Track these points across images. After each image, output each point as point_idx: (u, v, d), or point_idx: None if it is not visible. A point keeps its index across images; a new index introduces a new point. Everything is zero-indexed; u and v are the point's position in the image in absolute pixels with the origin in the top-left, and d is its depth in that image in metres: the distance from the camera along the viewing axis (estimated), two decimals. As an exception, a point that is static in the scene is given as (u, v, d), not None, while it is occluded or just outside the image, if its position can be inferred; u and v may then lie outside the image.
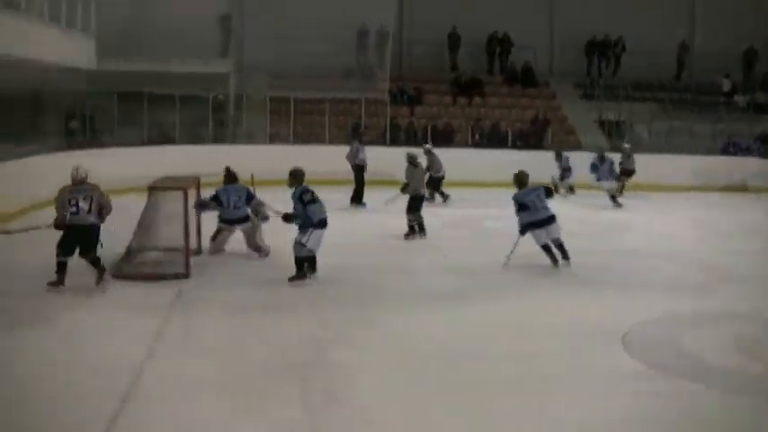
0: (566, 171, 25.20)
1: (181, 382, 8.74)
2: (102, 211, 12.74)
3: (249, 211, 15.01)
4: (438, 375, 9.18)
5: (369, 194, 21.30)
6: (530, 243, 14.62)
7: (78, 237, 12.49)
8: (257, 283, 13.27)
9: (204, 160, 17.98)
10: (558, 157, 25.38)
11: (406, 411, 8.21)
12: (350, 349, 10.11)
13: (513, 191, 15.03)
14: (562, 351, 10.13)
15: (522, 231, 14.66)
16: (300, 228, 13.26)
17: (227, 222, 15.07)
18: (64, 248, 12.42)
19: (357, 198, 22.15)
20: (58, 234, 12.41)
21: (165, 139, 25.93)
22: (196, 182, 15.11)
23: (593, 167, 23.64)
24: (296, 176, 13.45)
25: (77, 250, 12.53)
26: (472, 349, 10.04)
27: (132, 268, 13.70)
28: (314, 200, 13.23)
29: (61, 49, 22.56)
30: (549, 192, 15.09)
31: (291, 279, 13.13)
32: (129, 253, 14.15)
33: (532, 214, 14.54)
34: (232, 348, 10.03)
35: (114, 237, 13.70)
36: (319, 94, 28.08)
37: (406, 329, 10.91)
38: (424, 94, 31.07)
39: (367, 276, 14.00)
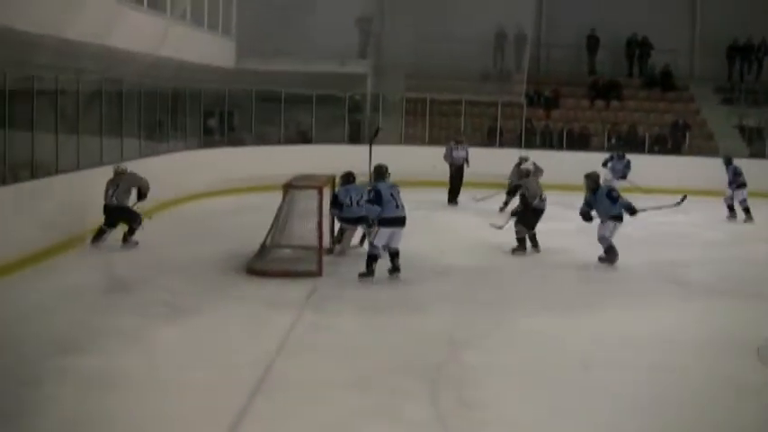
0: (736, 177, 22.20)
1: (312, 380, 8.80)
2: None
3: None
4: (571, 382, 9.10)
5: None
6: (668, 253, 14.42)
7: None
8: (389, 282, 13.34)
9: (340, 159, 18.15)
10: (729, 164, 22.64)
11: (537, 418, 8.15)
12: (482, 351, 10.09)
13: (648, 198, 14.88)
14: (696, 363, 9.94)
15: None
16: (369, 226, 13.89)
17: (348, 221, 15.12)
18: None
19: (452, 197, 22.91)
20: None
21: (302, 138, 26.23)
22: (331, 181, 15.27)
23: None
24: (375, 172, 13.97)
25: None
26: (603, 357, 9.92)
27: (266, 265, 13.87)
28: (379, 199, 13.32)
29: (202, 48, 23.00)
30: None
31: (360, 276, 13.36)
32: (264, 249, 14.33)
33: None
34: (363, 347, 10.10)
35: (250, 233, 13.94)
36: (456, 95, 28.07)
37: (540, 334, 10.84)
38: (561, 97, 30.81)
39: (497, 278, 13.97)
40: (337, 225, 15.41)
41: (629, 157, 24.64)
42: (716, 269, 14.81)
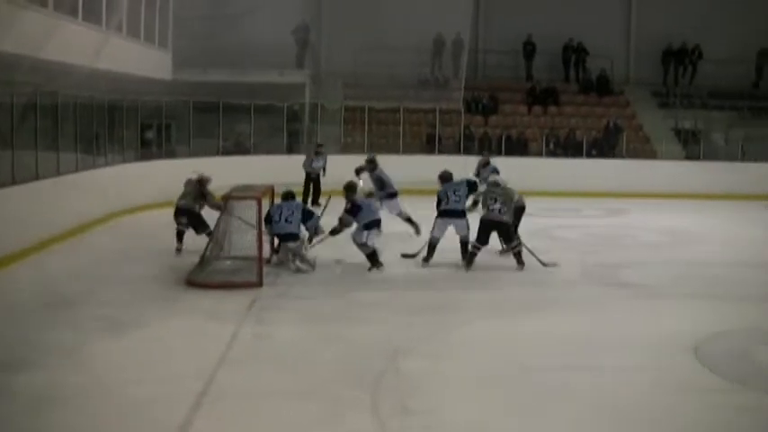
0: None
1: (254, 391, 8.75)
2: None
3: (303, 229, 15.01)
4: (511, 387, 9.12)
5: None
6: (608, 256, 14.52)
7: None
8: (331, 292, 13.30)
9: (279, 170, 18.12)
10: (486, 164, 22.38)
11: (478, 422, 8.16)
12: (423, 358, 10.07)
13: (586, 200, 15.00)
14: (635, 364, 10.03)
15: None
16: (356, 232, 14.75)
17: (277, 237, 15.10)
18: None
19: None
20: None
21: (241, 149, 26.14)
22: (270, 191, 15.24)
23: None
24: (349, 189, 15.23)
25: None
26: (546, 361, 9.96)
27: (206, 277, 13.78)
28: (361, 208, 14.81)
29: (138, 60, 22.88)
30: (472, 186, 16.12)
31: (371, 269, 14.63)
32: (204, 261, 14.25)
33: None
34: (305, 356, 10.06)
35: (190, 245, 13.87)
36: (394, 103, 28.14)
37: (481, 340, 10.88)
38: (499, 103, 30.99)
39: (440, 285, 13.99)
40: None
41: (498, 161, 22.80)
42: (655, 271, 14.94)
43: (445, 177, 15.98)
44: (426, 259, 15.23)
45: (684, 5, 32.24)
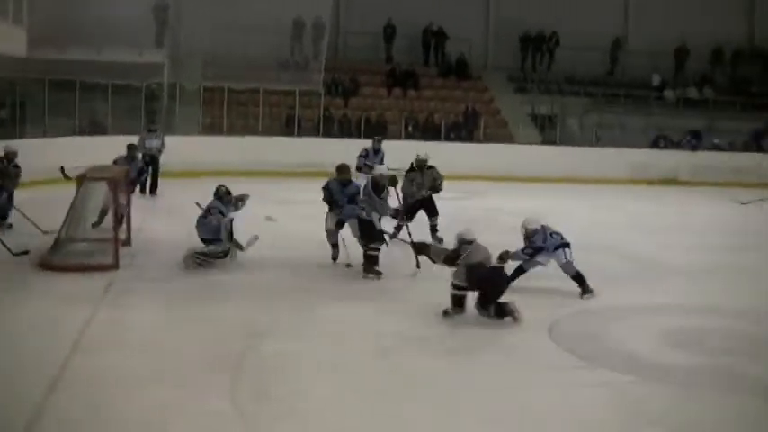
0: None
1: (109, 376, 8.66)
2: None
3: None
4: (370, 371, 9.23)
5: (305, 185, 20.89)
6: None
7: None
8: (189, 274, 13.20)
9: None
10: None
11: (336, 406, 8.22)
12: (283, 341, 10.11)
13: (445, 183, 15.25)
14: (490, 343, 10.24)
15: None
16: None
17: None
18: None
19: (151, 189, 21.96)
20: None
21: (97, 129, 25.71)
22: (126, 172, 15.07)
23: None
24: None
25: None
26: (405, 344, 10.08)
27: (60, 259, 13.53)
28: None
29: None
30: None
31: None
32: (58, 243, 14.00)
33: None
34: (161, 341, 9.98)
35: (42, 227, 13.64)
36: (254, 84, 28.06)
37: (340, 323, 10.94)
38: (360, 85, 31.10)
39: (304, 269, 13.96)
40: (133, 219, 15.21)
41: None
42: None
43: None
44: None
45: (542, -9, 32.84)
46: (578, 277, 12.48)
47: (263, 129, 27.50)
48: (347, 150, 19.13)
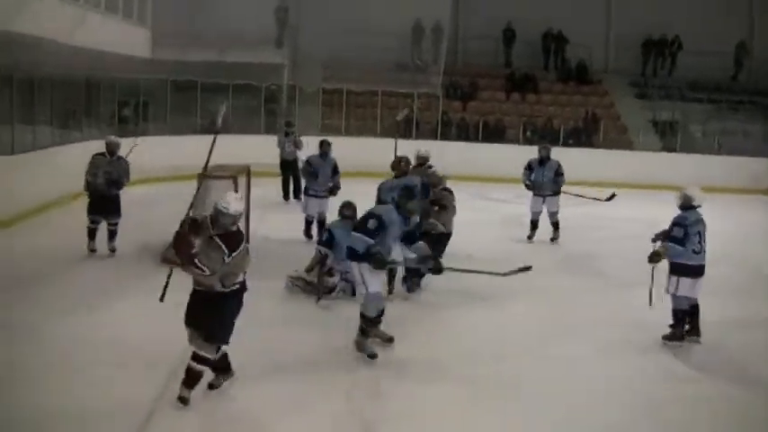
0: None
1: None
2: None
3: None
4: (485, 374, 9.21)
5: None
6: (576, 244, 14.52)
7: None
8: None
9: (255, 150, 18.03)
10: None
11: (452, 409, 8.15)
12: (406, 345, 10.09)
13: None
14: (601, 351, 10.09)
15: None
16: None
17: None
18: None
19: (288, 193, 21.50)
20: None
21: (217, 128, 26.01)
22: (246, 170, 15.18)
23: None
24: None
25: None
26: (506, 350, 9.99)
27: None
28: None
29: (117, 37, 22.71)
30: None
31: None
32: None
33: None
34: (277, 337, 10.11)
35: (164, 223, 13.81)
36: (372, 87, 28.16)
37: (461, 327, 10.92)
38: (478, 89, 31.03)
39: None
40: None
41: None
42: (632, 259, 14.96)
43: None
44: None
45: (665, -5, 32.29)
46: None
47: (381, 130, 27.58)
48: (464, 153, 19.05)
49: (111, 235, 14.27)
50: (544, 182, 16.90)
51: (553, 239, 16.75)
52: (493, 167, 16.64)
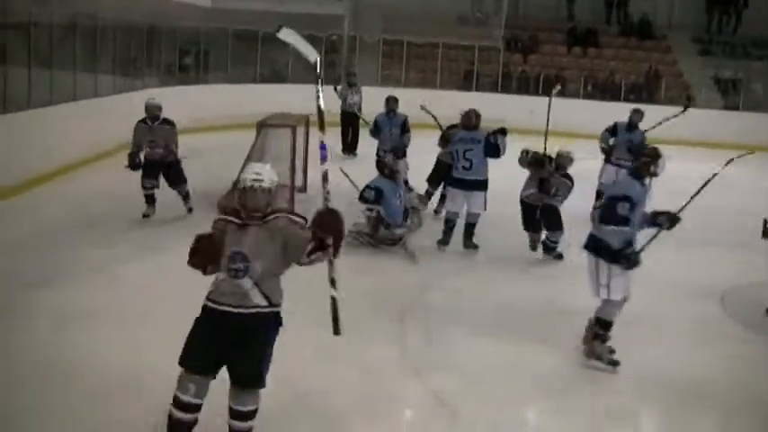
0: None
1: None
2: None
3: None
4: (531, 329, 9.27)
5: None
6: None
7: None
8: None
9: (314, 99, 18.06)
10: None
11: (496, 362, 8.19)
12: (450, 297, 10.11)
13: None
14: (658, 308, 10.03)
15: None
16: None
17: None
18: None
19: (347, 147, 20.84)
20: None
21: (277, 77, 26.16)
22: (305, 120, 15.22)
23: None
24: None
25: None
26: (568, 305, 9.97)
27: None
28: None
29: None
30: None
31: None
32: (236, 188, 14.16)
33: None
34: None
35: (222, 171, 13.92)
36: (433, 38, 28.05)
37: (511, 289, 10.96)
38: (539, 42, 30.83)
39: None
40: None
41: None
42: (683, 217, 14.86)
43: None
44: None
45: (733, -50, 31.75)
46: None
47: (441, 83, 27.54)
48: (525, 106, 18.90)
49: (185, 198, 13.79)
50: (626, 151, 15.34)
51: None
52: (553, 122, 16.49)
